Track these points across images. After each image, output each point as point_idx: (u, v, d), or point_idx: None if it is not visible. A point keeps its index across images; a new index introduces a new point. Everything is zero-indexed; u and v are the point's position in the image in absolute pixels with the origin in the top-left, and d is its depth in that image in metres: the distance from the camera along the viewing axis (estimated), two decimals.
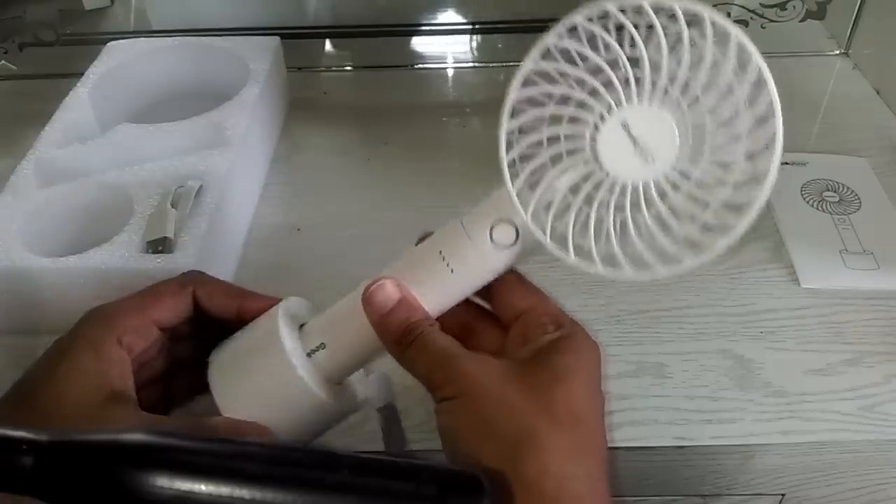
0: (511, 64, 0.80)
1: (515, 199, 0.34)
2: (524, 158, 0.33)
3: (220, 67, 0.69)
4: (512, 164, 0.34)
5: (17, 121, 0.71)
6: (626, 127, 0.31)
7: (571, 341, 0.35)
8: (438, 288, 0.36)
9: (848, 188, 0.62)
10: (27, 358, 0.51)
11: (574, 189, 0.32)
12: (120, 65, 0.68)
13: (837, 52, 0.80)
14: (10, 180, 0.55)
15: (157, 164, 0.56)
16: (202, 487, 0.24)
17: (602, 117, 0.31)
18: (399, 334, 0.35)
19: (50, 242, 0.53)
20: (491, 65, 0.81)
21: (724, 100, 0.30)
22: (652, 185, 0.31)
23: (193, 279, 0.40)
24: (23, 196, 0.54)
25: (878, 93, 0.74)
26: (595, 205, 0.32)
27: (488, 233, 0.35)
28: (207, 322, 0.40)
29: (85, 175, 0.56)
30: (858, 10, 0.77)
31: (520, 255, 0.35)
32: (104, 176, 0.56)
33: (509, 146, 0.33)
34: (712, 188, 0.31)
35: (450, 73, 0.81)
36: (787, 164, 0.65)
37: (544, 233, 0.33)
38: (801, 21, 0.78)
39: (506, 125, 0.33)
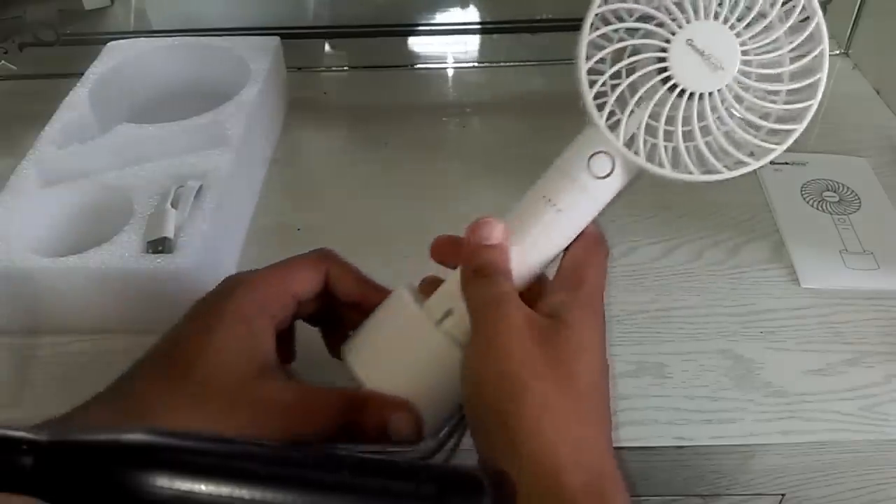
0: (511, 64, 0.80)
1: (606, 129, 0.36)
2: (599, 99, 0.37)
3: (220, 67, 0.69)
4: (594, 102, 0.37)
5: (17, 121, 0.71)
6: (691, 44, 0.34)
7: (581, 306, 0.36)
8: (550, 231, 0.38)
9: (848, 188, 0.62)
10: (27, 358, 0.51)
11: (656, 111, 0.35)
12: (120, 65, 0.68)
13: (837, 52, 0.80)
14: (10, 180, 0.55)
15: (157, 164, 0.56)
16: (202, 487, 0.24)
17: (668, 40, 0.35)
18: (482, 265, 0.37)
19: (50, 242, 0.53)
20: (490, 65, 0.81)
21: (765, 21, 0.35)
22: (726, 89, 0.35)
23: (329, 257, 0.41)
24: (23, 196, 0.54)
25: (878, 93, 0.74)
26: (679, 125, 0.35)
27: (586, 167, 0.37)
28: (325, 302, 0.41)
29: (85, 175, 0.56)
30: (858, 10, 0.77)
31: (619, 182, 0.38)
32: (104, 176, 0.56)
33: (591, 85, 0.36)
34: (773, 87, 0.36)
35: (450, 73, 0.81)
36: (786, 164, 0.65)
37: (637, 154, 0.36)
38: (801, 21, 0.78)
39: (584, 66, 0.36)
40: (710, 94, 0.35)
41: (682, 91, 0.35)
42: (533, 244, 0.38)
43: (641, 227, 0.60)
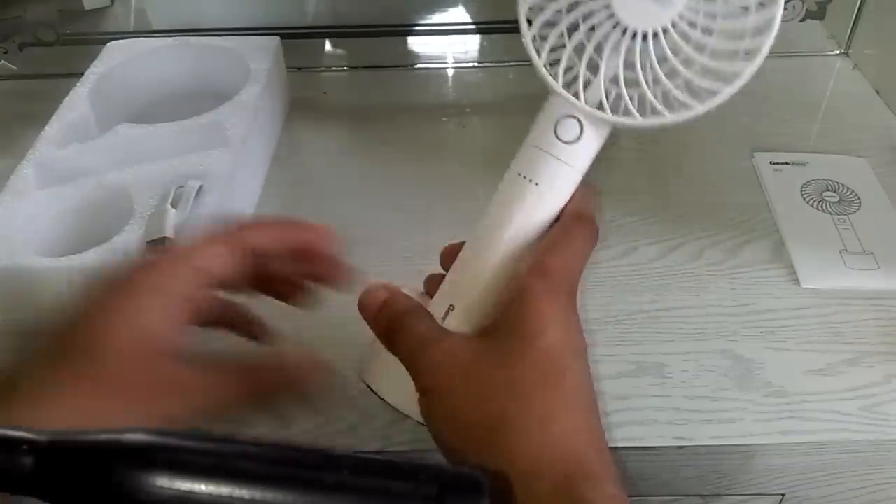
0: (511, 64, 0.80)
1: (564, 91, 0.36)
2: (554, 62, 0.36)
3: (220, 67, 0.69)
4: (547, 65, 0.36)
5: (17, 121, 0.71)
6: None
7: (542, 295, 0.35)
8: (532, 207, 0.37)
9: (848, 188, 0.62)
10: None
11: (613, 60, 0.35)
12: (120, 65, 0.68)
13: (837, 52, 0.80)
14: (10, 180, 0.55)
15: (157, 164, 0.56)
16: (202, 487, 0.24)
17: None
18: (384, 328, 0.37)
19: (50, 242, 0.53)
20: (490, 65, 0.81)
21: None
22: (674, 25, 0.34)
23: (252, 230, 0.38)
24: (23, 196, 0.54)
25: (878, 93, 0.74)
26: (639, 71, 0.34)
27: (554, 134, 0.37)
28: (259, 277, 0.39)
29: (85, 175, 0.56)
30: (858, 10, 0.77)
31: (592, 143, 0.37)
32: (104, 176, 0.56)
33: (539, 50, 0.36)
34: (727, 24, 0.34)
35: (449, 73, 0.81)
36: (787, 164, 0.65)
37: (603, 110, 0.35)
38: (801, 21, 0.78)
39: (528, 33, 0.36)
40: (665, 31, 0.34)
41: (635, 34, 0.34)
42: (520, 224, 0.37)
43: (641, 227, 0.60)
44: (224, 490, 0.24)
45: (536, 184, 0.37)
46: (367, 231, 0.60)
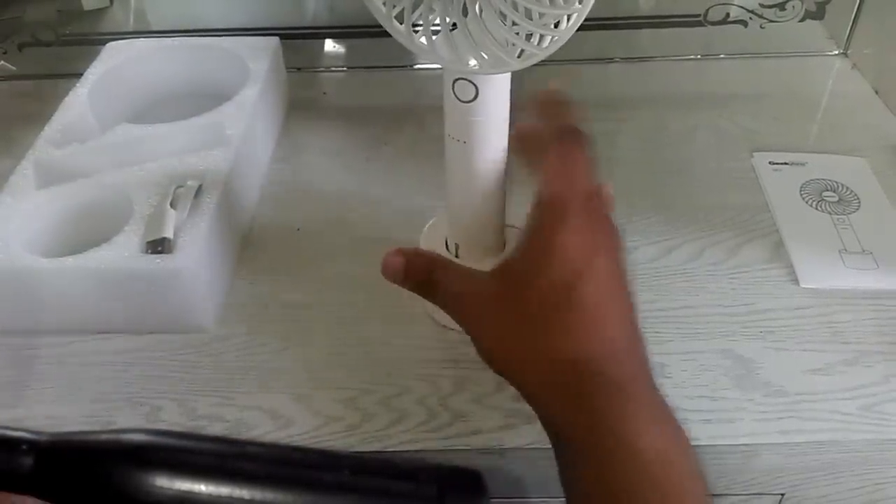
0: None
1: (412, 42, 0.36)
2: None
3: (220, 67, 0.69)
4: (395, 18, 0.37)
5: (17, 121, 0.71)
6: None
7: (536, 227, 0.37)
8: (469, 162, 0.40)
9: (847, 188, 0.62)
10: (27, 358, 0.51)
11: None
12: (119, 65, 0.68)
13: (836, 52, 0.80)
14: (9, 180, 0.55)
15: (157, 164, 0.56)
16: (202, 487, 0.24)
17: None
18: (415, 288, 0.41)
19: (50, 242, 0.53)
20: None
21: None
22: None
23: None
24: (23, 196, 0.54)
25: (877, 93, 0.74)
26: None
27: (455, 97, 0.38)
28: None
29: (85, 175, 0.56)
30: (858, 10, 0.77)
31: (495, 94, 0.38)
32: (104, 176, 0.56)
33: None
34: None
35: None
36: (786, 164, 0.65)
37: (481, 55, 0.35)
38: (800, 21, 0.78)
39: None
40: None
41: None
42: (468, 178, 0.40)
43: (641, 227, 0.60)
44: (224, 490, 0.24)
45: (464, 143, 0.39)
46: (367, 231, 0.60)
